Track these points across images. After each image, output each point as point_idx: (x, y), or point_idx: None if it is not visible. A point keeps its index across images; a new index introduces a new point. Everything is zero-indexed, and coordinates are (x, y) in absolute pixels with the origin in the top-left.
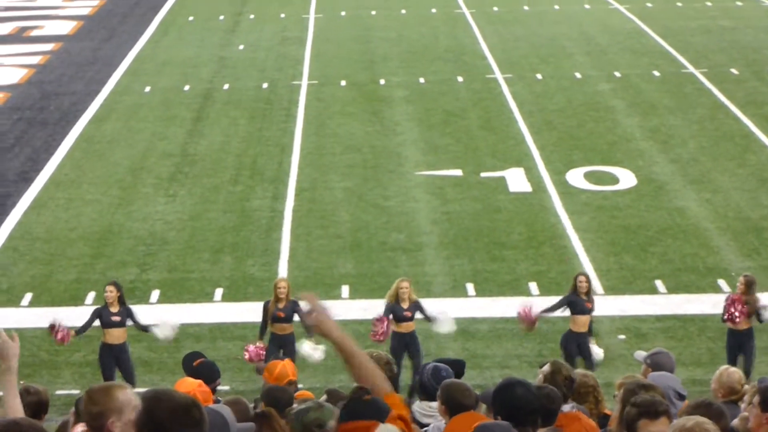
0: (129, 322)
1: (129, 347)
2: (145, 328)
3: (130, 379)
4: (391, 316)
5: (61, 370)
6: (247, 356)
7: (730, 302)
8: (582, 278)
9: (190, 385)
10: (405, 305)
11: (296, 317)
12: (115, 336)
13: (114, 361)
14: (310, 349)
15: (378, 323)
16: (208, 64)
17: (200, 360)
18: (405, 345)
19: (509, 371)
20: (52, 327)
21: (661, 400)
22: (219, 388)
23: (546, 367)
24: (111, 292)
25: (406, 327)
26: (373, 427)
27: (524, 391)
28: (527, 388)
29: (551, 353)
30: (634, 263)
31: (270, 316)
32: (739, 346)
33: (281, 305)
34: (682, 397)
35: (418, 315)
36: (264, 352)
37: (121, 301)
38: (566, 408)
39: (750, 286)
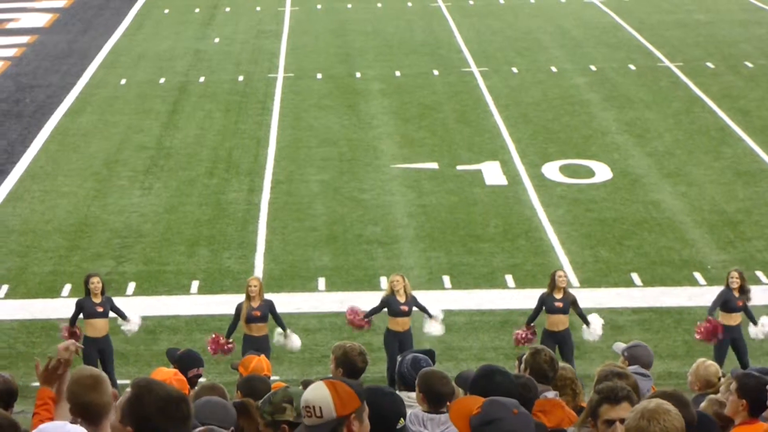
0: (111, 314)
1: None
2: (123, 316)
3: (111, 375)
4: (385, 310)
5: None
6: (211, 347)
7: (713, 328)
8: (561, 273)
9: (166, 374)
10: (401, 299)
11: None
12: (98, 328)
13: (98, 354)
14: (282, 338)
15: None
16: (184, 57)
17: (182, 350)
18: (399, 341)
19: (485, 363)
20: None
21: (623, 386)
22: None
23: (526, 353)
24: (98, 283)
25: (402, 323)
26: None
27: (503, 379)
28: (506, 375)
29: (530, 347)
30: (610, 256)
31: (245, 317)
32: (731, 340)
33: (255, 304)
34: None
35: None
36: (228, 348)
37: (103, 291)
38: (550, 395)
39: (745, 281)
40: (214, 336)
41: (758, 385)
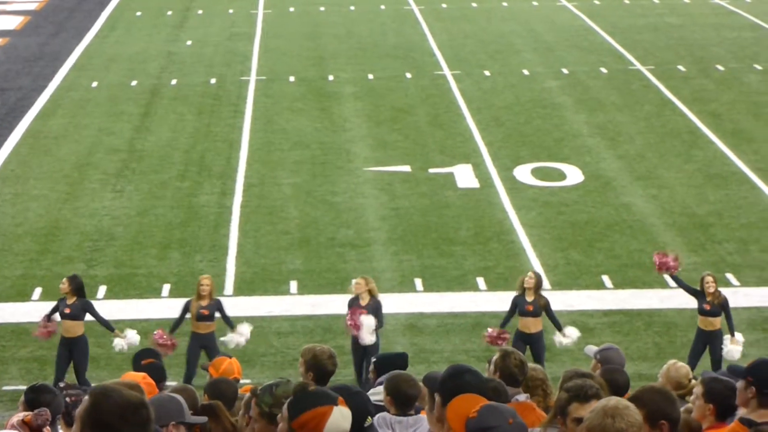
0: (88, 317)
1: (86, 343)
2: (108, 325)
3: (81, 376)
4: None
5: (8, 365)
6: (155, 337)
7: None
8: (530, 274)
9: (134, 378)
10: (363, 302)
11: (218, 315)
12: (66, 328)
13: (69, 354)
14: (235, 336)
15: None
16: (156, 60)
17: (149, 360)
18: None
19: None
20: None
21: (592, 384)
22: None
23: (496, 355)
24: (64, 284)
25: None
26: (327, 412)
27: (473, 378)
28: (476, 375)
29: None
30: (581, 259)
31: (194, 315)
32: (704, 344)
33: (204, 303)
34: None
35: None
36: (171, 344)
37: (79, 294)
38: (521, 398)
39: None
40: (159, 332)
41: (725, 390)
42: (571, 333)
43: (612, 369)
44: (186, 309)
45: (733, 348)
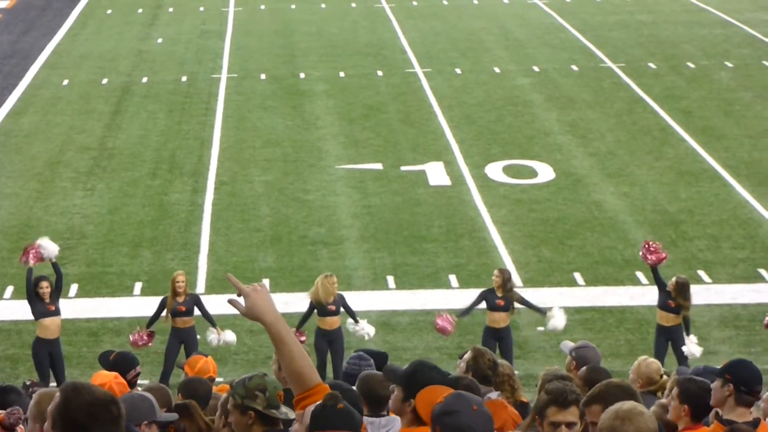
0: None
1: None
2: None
3: (61, 377)
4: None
5: None
6: (131, 339)
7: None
8: (494, 272)
9: (105, 377)
10: (330, 300)
11: (197, 311)
12: (51, 329)
13: (48, 357)
14: (216, 336)
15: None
16: (127, 58)
17: (115, 353)
18: (328, 342)
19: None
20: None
21: (573, 389)
22: (140, 381)
23: (468, 354)
24: (47, 288)
25: (330, 323)
26: None
27: (437, 375)
28: (440, 371)
29: (471, 345)
30: (553, 256)
31: (170, 311)
32: (667, 339)
33: (180, 299)
34: None
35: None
36: (147, 338)
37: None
38: (493, 396)
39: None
40: (133, 336)
41: (699, 390)
42: (556, 313)
43: (594, 368)
44: (162, 306)
45: (694, 346)
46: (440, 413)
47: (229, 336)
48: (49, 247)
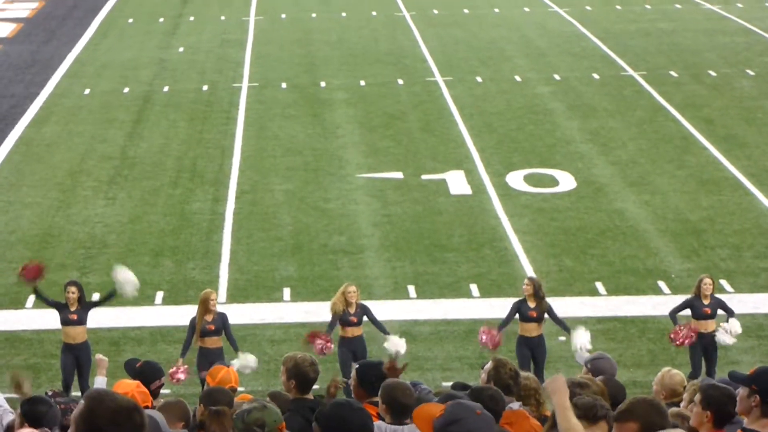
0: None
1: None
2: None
3: (85, 383)
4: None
5: (1, 373)
6: (174, 380)
7: (688, 330)
8: (525, 281)
9: (128, 386)
10: (351, 310)
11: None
12: (71, 335)
13: (75, 361)
14: (246, 362)
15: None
16: (148, 67)
17: (141, 362)
18: (351, 351)
19: (451, 373)
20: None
21: (603, 404)
22: (162, 391)
23: (489, 365)
24: (73, 293)
25: (351, 332)
26: None
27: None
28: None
29: (492, 355)
30: (574, 265)
31: (199, 330)
32: (704, 348)
33: (210, 318)
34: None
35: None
36: (185, 374)
37: (81, 299)
38: (515, 406)
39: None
40: (175, 369)
41: (722, 396)
42: (579, 334)
43: (609, 380)
44: (192, 328)
45: (725, 335)
46: (445, 423)
47: (251, 360)
48: (129, 280)
